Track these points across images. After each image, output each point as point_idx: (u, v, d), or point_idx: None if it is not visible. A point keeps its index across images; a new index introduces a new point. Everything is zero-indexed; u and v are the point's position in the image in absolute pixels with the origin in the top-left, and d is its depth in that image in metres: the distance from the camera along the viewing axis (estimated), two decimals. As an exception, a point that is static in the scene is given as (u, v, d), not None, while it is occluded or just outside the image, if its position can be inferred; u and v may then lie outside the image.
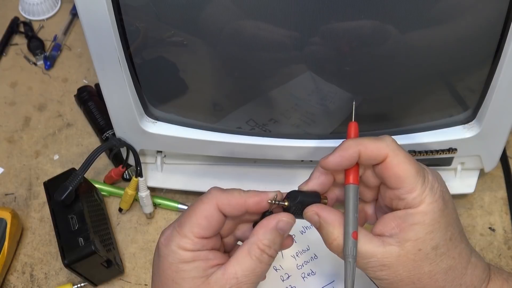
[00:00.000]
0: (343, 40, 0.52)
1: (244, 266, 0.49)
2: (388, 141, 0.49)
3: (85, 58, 0.86)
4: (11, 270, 0.69)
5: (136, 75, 0.58)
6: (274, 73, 0.57)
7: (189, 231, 0.49)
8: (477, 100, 0.59)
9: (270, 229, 0.49)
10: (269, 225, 0.50)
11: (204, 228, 0.49)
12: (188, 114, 0.63)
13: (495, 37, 0.52)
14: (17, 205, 0.73)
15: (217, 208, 0.49)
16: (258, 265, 0.49)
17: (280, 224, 0.50)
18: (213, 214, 0.49)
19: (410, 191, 0.48)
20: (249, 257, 0.49)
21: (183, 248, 0.49)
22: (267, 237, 0.49)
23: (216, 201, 0.49)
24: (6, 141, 0.79)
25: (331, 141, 0.63)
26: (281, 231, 0.50)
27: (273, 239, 0.49)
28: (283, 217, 0.50)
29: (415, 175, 0.48)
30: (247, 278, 0.48)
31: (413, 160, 0.50)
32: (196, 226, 0.49)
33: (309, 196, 0.51)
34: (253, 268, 0.49)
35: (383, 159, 0.49)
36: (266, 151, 0.64)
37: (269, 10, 0.51)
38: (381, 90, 0.59)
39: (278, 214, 0.50)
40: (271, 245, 0.49)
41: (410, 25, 0.51)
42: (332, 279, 0.65)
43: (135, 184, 0.69)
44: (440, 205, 0.49)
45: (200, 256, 0.49)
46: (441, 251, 0.49)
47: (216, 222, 0.50)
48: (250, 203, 0.50)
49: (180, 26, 0.53)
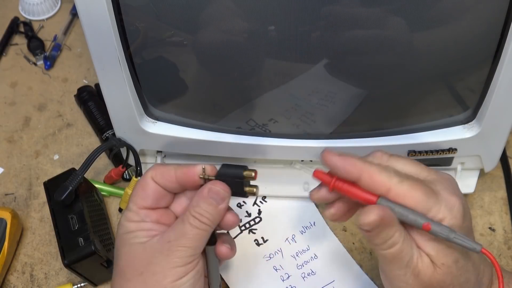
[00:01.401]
0: (344, 41, 0.52)
1: (177, 231, 0.51)
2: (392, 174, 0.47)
3: (85, 58, 0.86)
4: (11, 270, 0.69)
5: (136, 75, 0.58)
6: (274, 73, 0.57)
7: (132, 203, 0.54)
8: (477, 100, 0.59)
9: (202, 197, 0.51)
10: (201, 192, 0.52)
11: (141, 197, 0.53)
12: (188, 114, 0.63)
13: (495, 37, 0.52)
14: (17, 205, 0.73)
15: (151, 179, 0.53)
16: (190, 229, 0.50)
17: (210, 193, 0.51)
18: (148, 183, 0.53)
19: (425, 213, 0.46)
20: (181, 222, 0.51)
21: (129, 219, 0.53)
22: (199, 204, 0.51)
23: (151, 173, 0.53)
24: (6, 141, 0.79)
25: (331, 141, 0.63)
26: (212, 199, 0.51)
27: (204, 208, 0.51)
28: (212, 186, 0.51)
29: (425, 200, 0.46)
30: (179, 241, 0.50)
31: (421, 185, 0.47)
32: (135, 197, 0.54)
33: (234, 167, 0.52)
34: (184, 232, 0.50)
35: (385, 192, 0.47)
36: (266, 151, 0.64)
37: (269, 9, 0.51)
38: (382, 90, 0.59)
39: (210, 183, 0.52)
40: (203, 213, 0.51)
41: (410, 25, 0.51)
42: (332, 279, 0.65)
43: (135, 184, 0.69)
44: (459, 220, 0.47)
45: (143, 227, 0.52)
46: (461, 263, 0.48)
47: (151, 191, 0.53)
48: (179, 174, 0.52)
49: (180, 26, 0.53)
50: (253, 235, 0.68)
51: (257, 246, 0.68)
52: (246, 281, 0.65)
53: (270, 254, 0.67)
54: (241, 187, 0.52)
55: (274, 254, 0.67)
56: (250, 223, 0.69)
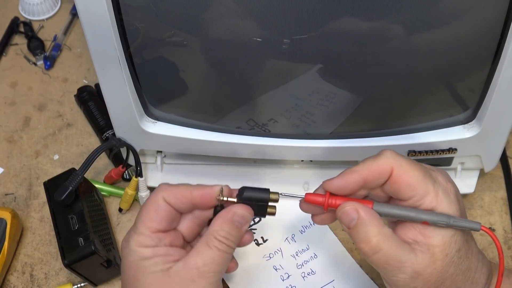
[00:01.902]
0: (344, 41, 0.52)
1: (204, 256, 0.49)
2: (387, 154, 0.49)
3: (85, 58, 0.86)
4: (11, 270, 0.69)
5: (136, 75, 0.58)
6: (274, 73, 0.57)
7: (143, 227, 0.50)
8: (477, 100, 0.59)
9: (226, 221, 0.50)
10: (225, 216, 0.50)
11: (155, 221, 0.50)
12: (188, 114, 0.63)
13: (495, 38, 0.52)
14: (17, 205, 0.73)
15: (164, 201, 0.51)
16: (217, 254, 0.49)
17: (235, 217, 0.50)
18: (161, 205, 0.51)
19: (423, 195, 0.48)
20: (207, 247, 0.49)
21: (142, 245, 0.50)
22: (224, 228, 0.50)
23: (162, 194, 0.51)
24: (6, 141, 0.79)
25: (331, 141, 0.63)
26: (237, 223, 0.50)
27: (229, 231, 0.50)
28: (238, 209, 0.51)
29: (423, 179, 0.48)
30: (208, 267, 0.49)
31: (417, 164, 0.49)
32: (148, 221, 0.51)
33: (258, 191, 0.52)
34: (212, 258, 0.49)
35: (389, 174, 0.48)
36: (266, 151, 0.64)
37: (269, 9, 0.51)
38: (382, 90, 0.59)
39: (234, 206, 0.51)
40: (228, 236, 0.50)
41: (411, 26, 0.51)
42: (332, 279, 0.65)
43: (135, 184, 0.69)
44: (457, 206, 0.48)
45: (160, 252, 0.50)
46: (462, 253, 0.48)
47: (165, 214, 0.51)
48: (196, 195, 0.51)
49: (180, 26, 0.53)
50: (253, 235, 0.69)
51: (257, 246, 0.68)
52: (246, 281, 0.65)
53: (270, 254, 0.67)
54: (264, 209, 0.52)
55: (274, 253, 0.67)
56: (250, 223, 0.69)
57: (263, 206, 0.52)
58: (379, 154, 0.49)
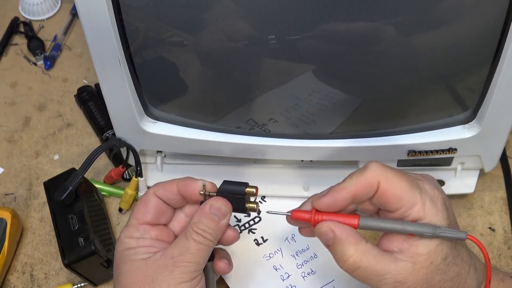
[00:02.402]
0: (344, 41, 0.52)
1: (180, 246, 0.51)
2: (373, 167, 0.49)
3: (85, 58, 0.86)
4: (11, 270, 0.69)
5: (136, 75, 0.58)
6: (274, 73, 0.57)
7: (133, 219, 0.54)
8: (477, 100, 0.59)
9: (204, 213, 0.52)
10: (203, 209, 0.52)
11: (143, 212, 0.54)
12: (188, 114, 0.63)
13: (495, 38, 0.52)
14: (17, 205, 0.73)
15: (154, 195, 0.54)
16: (193, 244, 0.50)
17: (211, 209, 0.52)
18: (150, 199, 0.54)
19: (411, 206, 0.48)
20: (185, 238, 0.51)
21: (129, 236, 0.53)
22: (201, 220, 0.51)
23: (153, 189, 0.54)
24: (6, 141, 0.79)
25: (331, 141, 0.63)
26: (213, 215, 0.51)
27: (207, 223, 0.51)
28: (213, 202, 0.52)
29: (410, 189, 0.48)
30: (183, 257, 0.50)
31: (404, 174, 0.49)
32: (137, 213, 0.54)
33: (235, 184, 0.53)
34: (187, 247, 0.50)
35: (377, 187, 0.48)
36: (266, 151, 0.64)
37: (269, 9, 0.51)
38: (381, 90, 0.59)
39: (211, 199, 0.52)
40: (205, 229, 0.51)
41: (411, 25, 0.51)
42: (332, 279, 0.65)
43: (135, 184, 0.69)
44: (444, 214, 0.48)
45: (143, 243, 0.52)
46: (449, 260, 0.49)
47: (153, 206, 0.54)
48: (180, 186, 0.53)
49: (180, 26, 0.53)
50: (252, 234, 0.68)
51: (257, 246, 0.68)
52: (246, 280, 0.65)
53: (270, 254, 0.67)
54: (242, 203, 0.53)
55: (274, 253, 0.67)
56: (250, 223, 0.69)
57: (241, 200, 0.53)
58: (365, 167, 0.49)
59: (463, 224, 0.70)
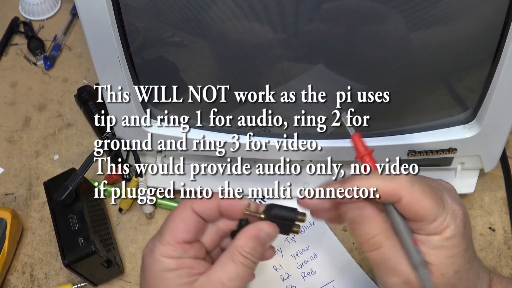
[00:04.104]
0: (344, 40, 0.52)
1: (229, 272, 0.49)
2: (402, 180, 0.47)
3: (85, 58, 0.86)
4: (11, 270, 0.69)
5: (136, 75, 0.58)
6: (274, 73, 0.57)
7: (170, 237, 0.49)
8: (477, 100, 0.59)
9: (252, 237, 0.50)
10: (251, 232, 0.50)
11: (182, 231, 0.49)
12: (188, 114, 0.63)
13: (495, 37, 0.52)
14: (17, 205, 0.73)
15: (192, 211, 0.50)
16: (242, 269, 0.49)
17: (261, 234, 0.50)
18: (189, 216, 0.50)
19: (431, 222, 0.47)
20: (232, 262, 0.49)
21: (167, 255, 0.49)
22: (249, 244, 0.49)
23: (190, 204, 0.50)
24: (6, 141, 0.79)
25: (331, 141, 0.63)
26: (262, 239, 0.50)
27: (254, 247, 0.49)
28: (264, 227, 0.50)
29: (435, 209, 0.46)
30: (233, 282, 0.49)
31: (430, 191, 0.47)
32: (175, 231, 0.49)
33: (285, 210, 0.51)
34: (237, 273, 0.49)
35: (397, 200, 0.47)
36: (266, 151, 0.64)
37: (269, 9, 0.51)
38: (381, 90, 0.59)
39: (260, 223, 0.50)
40: (253, 252, 0.49)
41: (411, 25, 0.51)
42: (332, 279, 0.65)
43: (135, 184, 0.69)
44: (461, 229, 0.47)
45: (184, 264, 0.49)
46: (461, 274, 0.48)
47: (193, 224, 0.50)
48: (223, 205, 0.50)
49: (180, 26, 0.53)
50: (253, 235, 0.68)
51: (257, 246, 0.68)
52: (246, 281, 0.65)
53: (270, 254, 0.67)
54: (289, 228, 0.52)
55: (274, 254, 0.67)
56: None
57: (289, 225, 0.51)
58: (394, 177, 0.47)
59: (463, 224, 0.70)
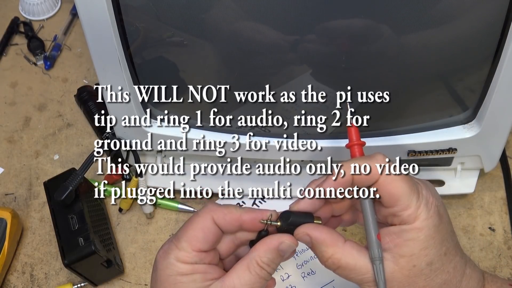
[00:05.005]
0: (344, 41, 0.52)
1: (243, 280, 0.49)
2: (379, 159, 0.48)
3: (85, 58, 0.86)
4: (11, 270, 0.69)
5: (136, 75, 0.58)
6: (274, 73, 0.57)
7: (187, 244, 0.49)
8: (477, 100, 0.59)
9: (271, 249, 0.49)
10: (271, 244, 0.50)
11: (200, 240, 0.49)
12: (188, 114, 0.63)
13: (495, 37, 0.52)
14: (17, 205, 0.73)
15: (213, 221, 0.50)
16: (257, 279, 0.49)
17: (282, 246, 0.50)
18: (209, 226, 0.50)
19: (405, 208, 0.48)
20: (248, 271, 0.49)
21: (181, 260, 0.49)
22: (267, 255, 0.49)
23: (212, 215, 0.50)
24: (6, 141, 0.79)
25: (331, 141, 0.63)
26: (282, 252, 0.50)
27: (272, 258, 0.49)
28: (285, 239, 0.50)
29: (409, 192, 0.48)
30: None
31: (407, 177, 0.49)
32: (193, 239, 0.49)
33: (301, 216, 0.51)
34: (252, 283, 0.49)
35: (376, 179, 0.48)
36: (266, 151, 0.64)
37: (269, 9, 0.51)
38: (381, 90, 0.59)
39: (281, 236, 0.50)
40: (270, 263, 0.49)
41: (411, 25, 0.51)
42: (332, 279, 0.65)
43: (135, 184, 0.69)
44: (435, 220, 0.48)
45: (199, 269, 0.49)
46: (435, 266, 0.48)
47: (212, 235, 0.50)
48: (245, 219, 0.50)
49: (180, 26, 0.53)
50: (253, 235, 0.68)
51: (257, 246, 0.68)
52: (246, 281, 0.65)
53: (270, 254, 0.67)
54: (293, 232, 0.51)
55: (274, 254, 0.67)
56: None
57: None
58: (371, 156, 0.49)
59: (463, 224, 0.70)
